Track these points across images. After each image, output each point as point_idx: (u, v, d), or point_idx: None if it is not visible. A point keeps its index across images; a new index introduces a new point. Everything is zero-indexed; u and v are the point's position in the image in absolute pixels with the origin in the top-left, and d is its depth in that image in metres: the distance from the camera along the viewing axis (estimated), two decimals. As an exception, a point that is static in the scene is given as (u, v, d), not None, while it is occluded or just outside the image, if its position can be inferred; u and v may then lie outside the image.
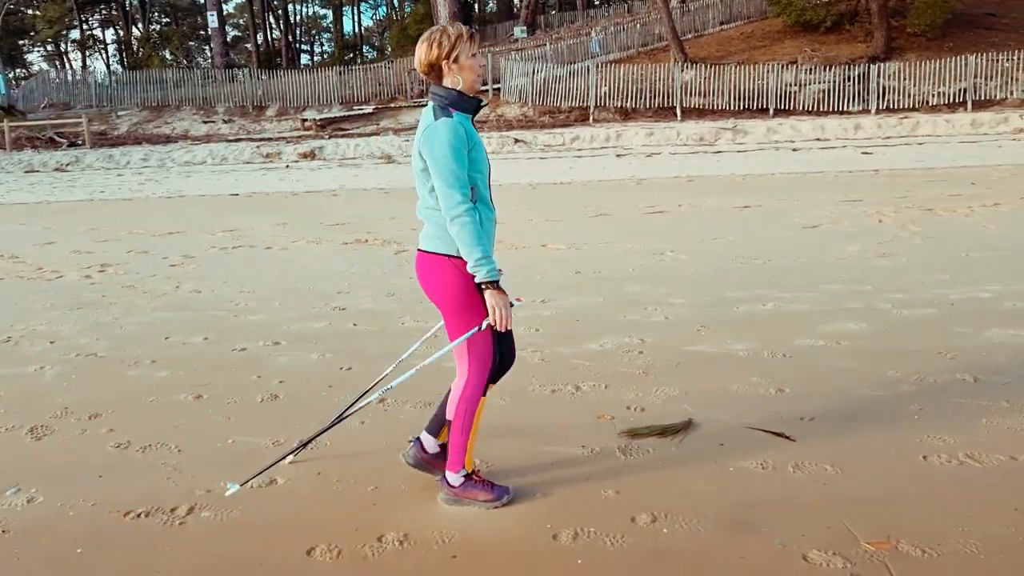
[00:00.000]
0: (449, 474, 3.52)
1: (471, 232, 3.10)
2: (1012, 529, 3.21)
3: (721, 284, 7.16)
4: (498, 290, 3.18)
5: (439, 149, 3.08)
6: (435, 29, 3.20)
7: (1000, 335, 5.52)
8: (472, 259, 3.13)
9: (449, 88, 3.19)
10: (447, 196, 3.09)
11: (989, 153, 18.28)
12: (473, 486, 3.50)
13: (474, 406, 3.41)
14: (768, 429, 4.18)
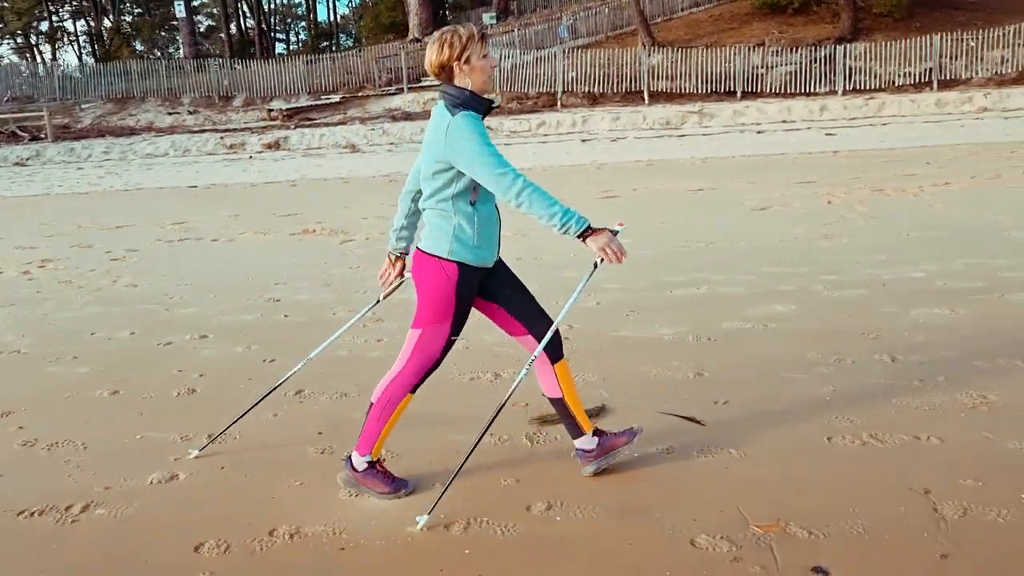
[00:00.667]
0: (355, 455, 3.48)
1: (540, 198, 3.06)
2: (902, 509, 3.21)
3: (660, 268, 7.14)
4: (596, 232, 3.14)
5: (467, 143, 3.05)
6: (446, 30, 3.18)
7: (925, 315, 5.54)
8: (556, 220, 3.07)
9: (461, 88, 3.17)
10: (497, 182, 3.06)
11: (951, 133, 18.38)
12: (374, 475, 3.47)
13: (399, 399, 3.39)
14: (679, 414, 4.17)
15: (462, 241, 3.22)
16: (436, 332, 3.32)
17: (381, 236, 9.27)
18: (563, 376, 3.51)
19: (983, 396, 4.18)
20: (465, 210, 3.22)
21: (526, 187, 3.06)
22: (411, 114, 27.54)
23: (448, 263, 3.22)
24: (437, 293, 3.25)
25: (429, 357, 3.36)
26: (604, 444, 3.57)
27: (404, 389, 3.39)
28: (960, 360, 4.68)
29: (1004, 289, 6.02)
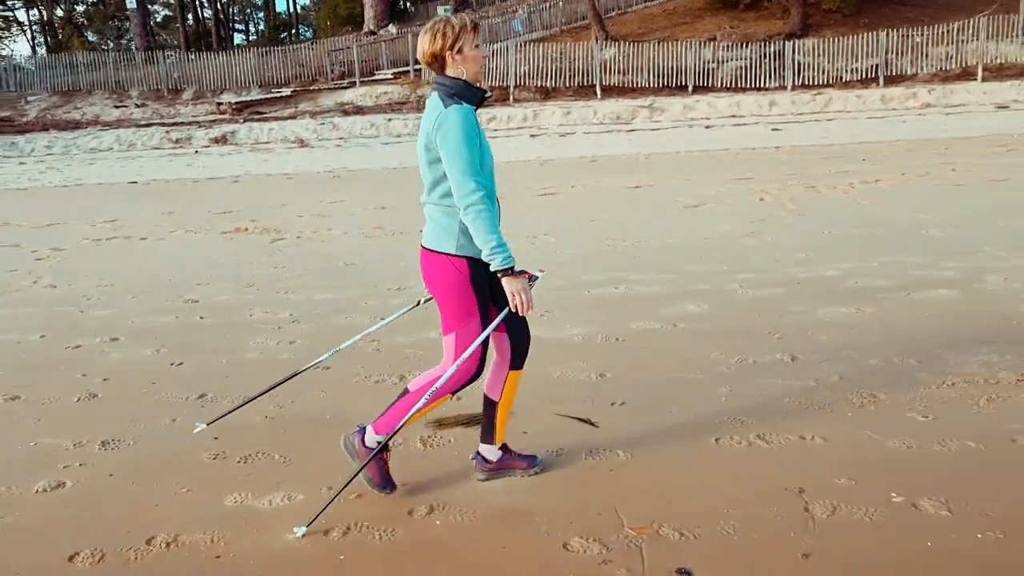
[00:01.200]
0: (370, 430, 3.46)
1: (486, 220, 3.07)
2: (775, 509, 3.26)
3: (582, 268, 7.18)
4: (515, 275, 3.15)
5: (452, 137, 3.06)
6: (438, 20, 3.18)
7: (832, 313, 5.63)
8: (487, 247, 3.09)
9: (454, 78, 3.17)
10: (461, 184, 3.06)
11: (893, 128, 18.67)
12: (376, 460, 3.45)
13: (435, 399, 3.37)
14: (574, 416, 4.20)
15: (468, 235, 3.20)
16: (468, 332, 3.30)
17: (313, 235, 9.22)
18: (510, 385, 3.52)
19: (873, 395, 4.26)
20: None
21: (480, 204, 3.06)
22: (363, 108, 27.36)
23: (457, 258, 3.22)
24: (455, 293, 3.25)
25: (470, 369, 3.35)
26: (504, 461, 3.61)
27: (442, 394, 3.37)
28: (857, 360, 4.77)
29: (912, 288, 6.14)
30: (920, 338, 5.07)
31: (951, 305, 5.70)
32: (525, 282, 3.20)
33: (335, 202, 11.46)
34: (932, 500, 3.26)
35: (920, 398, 4.22)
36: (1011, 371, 4.49)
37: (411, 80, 29.75)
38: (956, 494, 3.30)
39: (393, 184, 13.53)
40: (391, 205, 11.07)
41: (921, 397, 4.23)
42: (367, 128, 23.49)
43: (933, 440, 3.75)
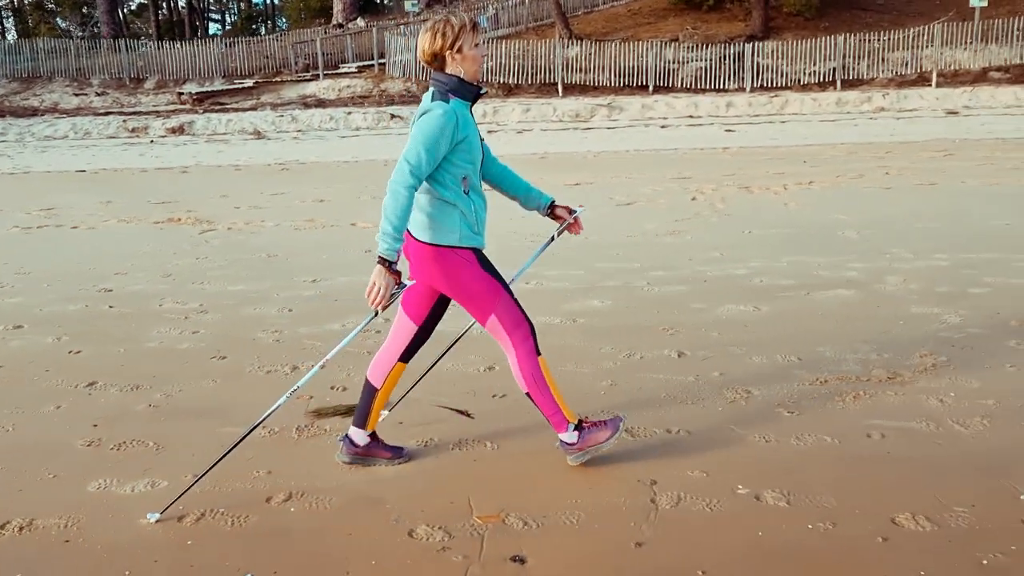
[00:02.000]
0: (563, 436, 3.52)
1: (398, 206, 3.13)
2: (623, 499, 3.35)
3: (500, 263, 7.23)
4: (388, 269, 3.19)
5: (422, 132, 3.15)
6: (438, 19, 3.24)
7: (730, 311, 5.75)
8: (382, 229, 3.16)
9: (450, 75, 3.24)
10: (401, 169, 3.14)
11: (842, 131, 18.91)
12: (589, 432, 3.51)
13: (536, 368, 3.44)
14: (451, 407, 4.27)
15: (468, 226, 3.32)
16: (500, 303, 3.38)
17: (245, 226, 9.23)
18: (394, 376, 3.61)
19: (747, 391, 4.37)
20: (462, 198, 3.30)
21: (402, 193, 3.13)
22: (325, 101, 27.29)
23: (462, 250, 3.31)
24: (470, 282, 3.33)
25: (519, 323, 3.42)
26: (370, 448, 3.66)
27: (533, 360, 3.44)
28: (741, 356, 4.88)
29: (813, 287, 6.27)
30: (807, 336, 5.19)
31: (846, 305, 5.84)
32: (391, 280, 3.23)
33: (276, 194, 11.45)
34: (775, 492, 3.36)
35: (792, 394, 4.33)
36: (884, 369, 4.61)
37: (375, 74, 29.72)
38: (799, 487, 3.41)
39: (339, 177, 13.53)
40: (330, 198, 11.09)
41: (793, 393, 4.34)
42: (326, 121, 23.43)
43: (792, 435, 3.86)
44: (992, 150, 14.22)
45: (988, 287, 6.16)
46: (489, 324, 3.42)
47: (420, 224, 3.33)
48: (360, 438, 3.67)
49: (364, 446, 3.67)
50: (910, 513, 3.18)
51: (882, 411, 4.11)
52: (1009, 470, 3.49)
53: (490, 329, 3.44)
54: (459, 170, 3.27)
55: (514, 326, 3.41)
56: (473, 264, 3.32)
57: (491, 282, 3.37)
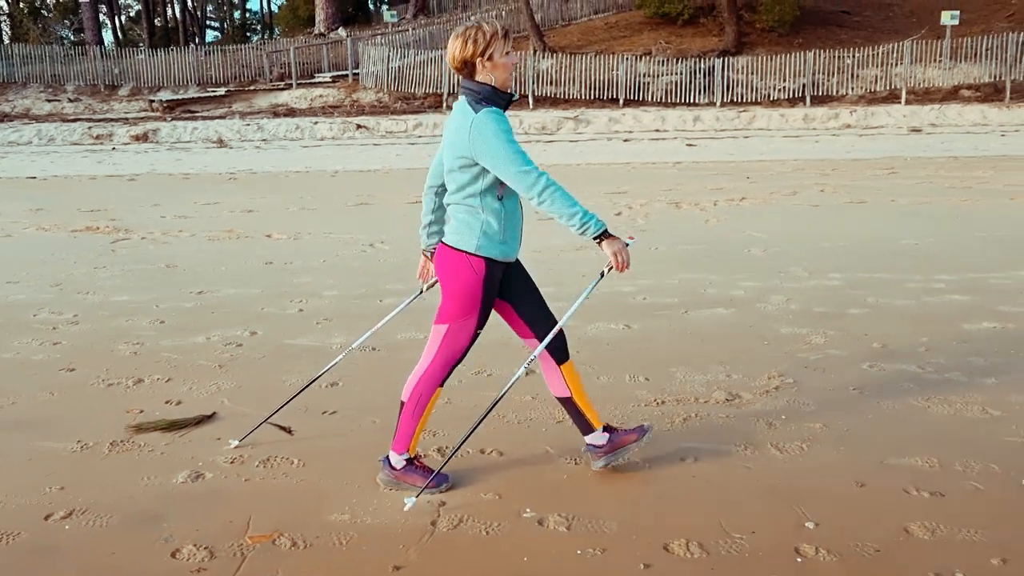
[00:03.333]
0: (392, 455, 3.52)
1: (562, 198, 3.13)
2: (403, 520, 3.32)
3: (390, 276, 7.21)
4: (610, 237, 3.25)
5: (492, 139, 3.11)
6: (470, 26, 3.21)
7: (599, 329, 5.72)
8: (575, 221, 3.16)
9: (483, 83, 3.22)
10: (521, 180, 3.12)
11: (801, 147, 18.93)
12: (413, 471, 3.51)
13: (429, 394, 3.46)
14: (276, 423, 4.21)
15: (489, 236, 3.27)
16: (462, 327, 3.37)
17: (161, 236, 9.18)
18: (570, 376, 3.60)
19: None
20: (493, 205, 3.27)
21: (549, 185, 3.12)
22: (296, 110, 27.27)
23: (475, 258, 3.28)
24: (464, 288, 3.30)
25: (456, 352, 3.42)
26: (615, 440, 3.64)
27: (433, 385, 3.45)
28: (587, 376, 4.79)
29: (694, 305, 6.24)
30: (665, 356, 5.16)
31: (719, 324, 5.81)
32: (621, 242, 3.29)
33: (209, 204, 11.40)
34: (560, 516, 3.33)
35: (621, 416, 4.29)
36: (725, 391, 4.58)
37: (349, 84, 29.72)
38: (587, 510, 3.37)
39: (281, 188, 13.48)
40: (260, 209, 11.04)
41: (623, 415, 4.31)
42: (292, 130, 23.39)
43: (604, 458, 3.81)
44: (938, 169, 14.24)
45: (868, 308, 6.13)
46: (438, 328, 3.43)
47: (448, 229, 3.36)
48: (599, 439, 3.64)
49: (607, 443, 3.64)
50: (685, 539, 3.15)
51: (706, 434, 4.08)
52: (803, 496, 3.46)
53: (434, 332, 3.44)
54: (494, 176, 3.24)
55: (447, 352, 3.43)
56: (479, 276, 3.30)
57: (475, 304, 3.35)
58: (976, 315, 5.88)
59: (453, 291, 3.34)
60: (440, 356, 3.44)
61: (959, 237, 8.47)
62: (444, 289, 3.39)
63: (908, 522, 3.24)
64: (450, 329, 3.39)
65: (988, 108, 24.99)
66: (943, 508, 3.34)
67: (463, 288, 3.31)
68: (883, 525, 3.22)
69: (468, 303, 3.34)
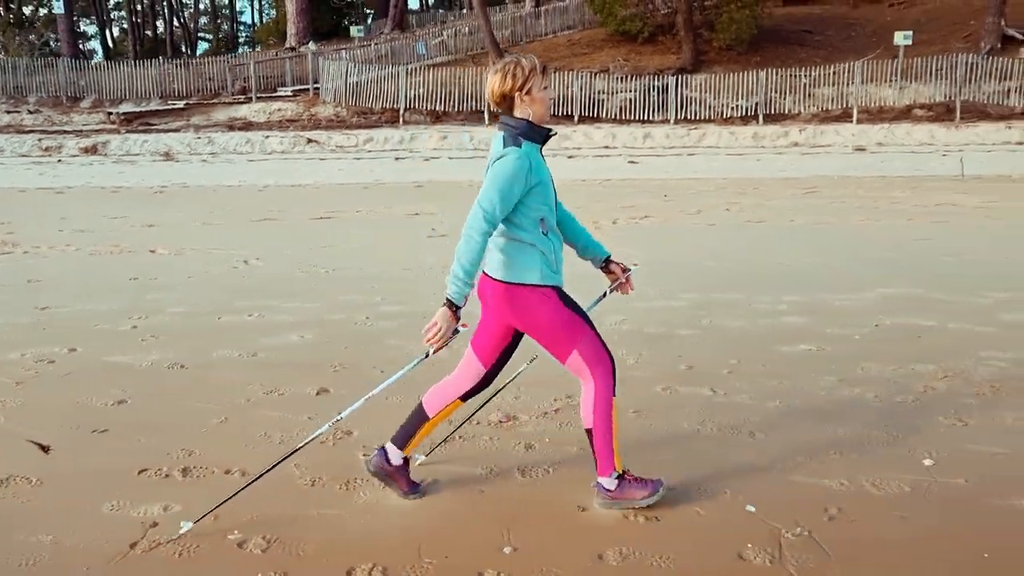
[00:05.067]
0: (603, 480, 3.49)
1: (471, 250, 3.20)
2: (104, 542, 3.31)
3: (244, 294, 7.24)
4: (451, 312, 3.27)
5: (498, 177, 3.19)
6: (508, 60, 3.28)
7: (423, 348, 5.73)
8: (453, 272, 3.23)
9: (520, 118, 3.27)
10: (475, 214, 3.19)
11: (741, 166, 19.08)
12: (628, 486, 3.49)
13: (610, 408, 3.42)
14: (32, 440, 4.21)
15: (548, 265, 3.33)
16: (583, 343, 3.36)
17: (48, 250, 9.19)
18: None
19: (348, 432, 4.34)
20: (542, 238, 3.32)
21: (475, 239, 3.19)
22: (253, 124, 27.33)
23: (542, 288, 3.32)
24: (552, 319, 3.32)
25: (602, 359, 3.40)
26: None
27: (609, 400, 3.41)
28: (383, 397, 4.85)
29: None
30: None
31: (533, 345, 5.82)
32: (454, 323, 3.29)
33: (117, 218, 11.43)
34: (262, 539, 3.33)
35: (384, 433, 4.29)
36: (504, 412, 4.60)
37: (309, 98, 29.81)
38: (291, 534, 3.37)
39: (203, 201, 13.52)
40: (163, 224, 11.07)
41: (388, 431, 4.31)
42: (242, 144, 23.44)
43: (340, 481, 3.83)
44: (858, 188, 14.36)
45: (698, 329, 6.18)
46: (571, 360, 3.40)
47: (499, 264, 3.34)
48: (396, 458, 3.63)
49: (394, 467, 3.63)
50: (371, 564, 3.15)
51: (463, 456, 4.09)
52: (518, 521, 3.47)
53: (571, 365, 3.42)
54: (535, 212, 3.28)
55: (597, 361, 3.40)
56: (554, 299, 3.32)
57: (573, 317, 3.36)
58: (798, 337, 5.94)
59: (543, 328, 3.35)
60: (597, 373, 3.40)
61: (833, 258, 8.55)
62: (532, 333, 3.39)
63: (604, 548, 3.26)
64: (579, 350, 3.37)
65: (937, 128, 25.24)
66: (652, 534, 3.36)
67: (549, 318, 3.33)
68: (581, 551, 3.24)
69: (565, 323, 3.35)
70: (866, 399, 4.82)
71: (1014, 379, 5.09)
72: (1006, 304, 6.81)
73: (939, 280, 7.49)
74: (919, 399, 4.80)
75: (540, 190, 3.28)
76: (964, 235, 9.87)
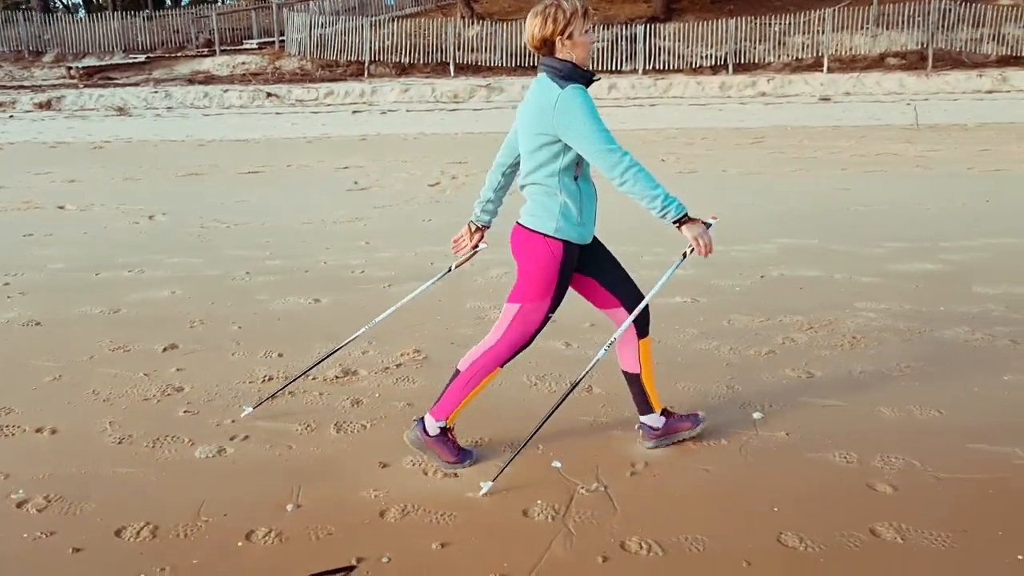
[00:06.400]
0: (428, 419, 3.46)
1: (644, 180, 3.08)
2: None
3: (132, 249, 7.13)
4: (692, 221, 3.17)
5: (578, 115, 3.06)
6: (549, 3, 3.13)
7: (289, 303, 5.64)
8: (658, 204, 3.10)
9: (564, 60, 3.15)
10: (605, 158, 3.06)
11: (702, 116, 18.85)
12: (443, 442, 3.47)
13: (487, 371, 3.40)
14: None
15: (568, 218, 3.22)
16: (535, 308, 3.32)
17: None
18: (645, 353, 3.55)
19: (179, 388, 4.26)
20: (570, 187, 3.21)
21: (632, 166, 3.06)
22: (216, 77, 26.92)
23: (553, 241, 3.22)
24: (541, 270, 3.25)
25: (526, 333, 3.36)
26: (669, 426, 3.63)
27: (496, 363, 3.38)
28: (239, 352, 4.77)
29: (407, 279, 6.17)
30: (316, 330, 5.09)
31: (427, 298, 5.73)
32: (702, 225, 3.21)
33: (40, 174, 11.24)
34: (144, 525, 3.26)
35: (213, 395, 4.22)
36: (339, 368, 4.53)
37: (274, 52, 29.36)
38: (71, 491, 3.31)
39: (136, 157, 13.31)
40: (85, 179, 10.89)
41: (226, 391, 4.24)
42: (200, 98, 23.10)
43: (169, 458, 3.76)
44: (804, 139, 14.20)
45: (580, 281, 6.07)
46: (508, 307, 3.36)
47: (525, 210, 3.29)
48: (656, 421, 3.63)
49: (663, 427, 3.63)
50: (141, 523, 3.08)
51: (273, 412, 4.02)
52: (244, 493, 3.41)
53: (505, 311, 3.38)
54: (570, 156, 3.18)
55: (517, 332, 3.36)
56: (556, 258, 3.24)
57: (551, 285, 3.29)
58: (679, 290, 5.84)
59: (530, 272, 3.28)
60: (508, 336, 3.37)
61: (745, 210, 8.43)
62: (521, 270, 3.34)
63: (389, 506, 3.20)
64: (523, 309, 3.33)
65: (908, 77, 24.95)
66: (446, 491, 3.29)
67: (540, 270, 3.26)
68: (365, 508, 3.17)
69: (544, 285, 3.29)
70: (721, 352, 4.75)
71: (877, 330, 5.03)
72: (899, 254, 6.72)
73: (841, 230, 7.39)
74: (775, 351, 4.74)
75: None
76: (887, 184, 9.75)
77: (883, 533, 3.00)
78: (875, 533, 3.00)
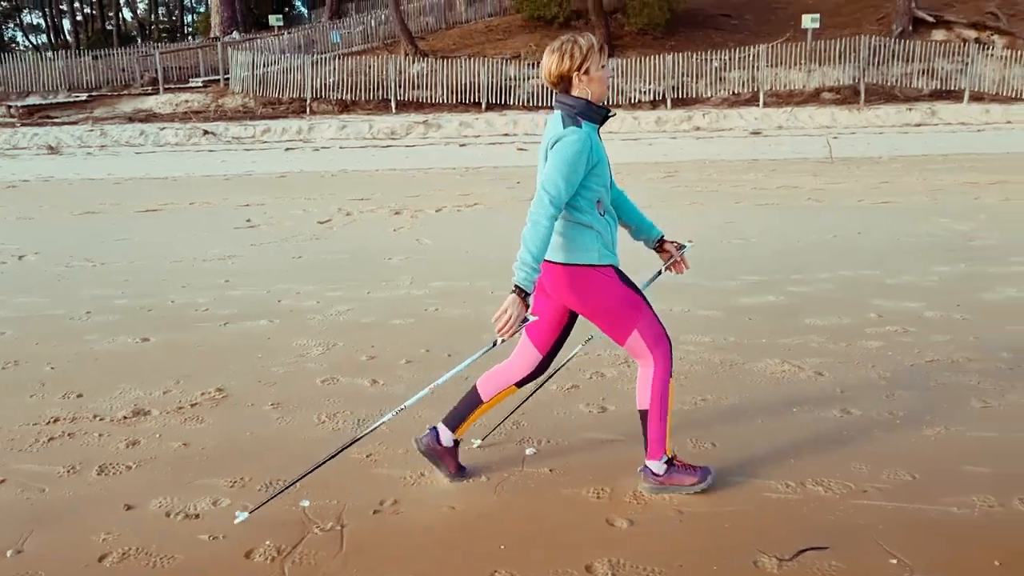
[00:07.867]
0: (651, 463, 3.46)
1: (539, 236, 3.09)
2: None
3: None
4: (520, 299, 3.13)
5: (560, 158, 3.10)
6: (566, 39, 3.19)
7: (118, 343, 5.60)
8: (519, 262, 3.11)
9: (578, 97, 3.18)
10: (540, 199, 3.09)
11: (629, 151, 19.06)
12: (677, 472, 3.46)
13: (666, 391, 3.38)
14: None
15: (605, 245, 3.28)
16: (645, 322, 3.32)
17: None
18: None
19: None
20: (599, 219, 3.25)
21: (541, 221, 3.08)
22: (158, 115, 26.87)
23: (601, 267, 3.26)
24: (611, 297, 3.26)
25: (661, 339, 3.35)
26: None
27: (666, 382, 3.38)
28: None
29: (248, 317, 6.16)
30: (135, 373, 5.06)
31: (251, 336, 5.72)
32: (523, 309, 3.15)
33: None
34: None
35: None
36: (136, 408, 4.49)
37: (219, 89, 29.38)
38: None
39: (47, 195, 13.22)
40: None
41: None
42: (136, 136, 23.03)
43: None
44: (714, 172, 14.41)
45: (415, 318, 6.08)
46: (630, 340, 3.33)
47: (558, 246, 3.26)
48: (447, 439, 3.61)
49: (444, 448, 3.61)
50: None
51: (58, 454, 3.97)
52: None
53: (629, 346, 3.36)
54: (593, 194, 3.21)
55: (656, 341, 3.35)
56: (613, 278, 3.27)
57: (632, 296, 3.31)
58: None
59: (601, 308, 3.28)
60: (657, 353, 3.35)
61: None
62: (589, 314, 3.32)
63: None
64: (639, 329, 3.32)
65: (840, 111, 25.43)
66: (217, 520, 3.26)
67: (607, 297, 3.26)
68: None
69: (624, 302, 3.29)
70: (524, 388, 4.74)
71: (690, 363, 5.07)
72: (749, 287, 6.80)
73: (705, 263, 7.46)
74: (578, 386, 4.75)
75: (599, 170, 3.22)
76: (770, 218, 9.89)
77: (597, 569, 3.02)
78: (590, 570, 3.01)
